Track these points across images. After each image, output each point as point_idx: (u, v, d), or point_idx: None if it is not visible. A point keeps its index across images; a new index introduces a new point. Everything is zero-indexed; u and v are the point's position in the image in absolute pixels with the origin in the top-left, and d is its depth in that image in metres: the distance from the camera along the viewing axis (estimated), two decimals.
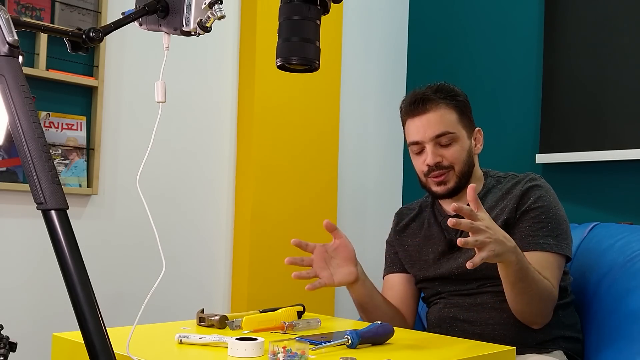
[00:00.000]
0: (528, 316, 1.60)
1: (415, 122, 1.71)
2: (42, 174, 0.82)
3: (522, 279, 1.50)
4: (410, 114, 1.72)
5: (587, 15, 2.62)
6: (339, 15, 2.97)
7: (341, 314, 2.86)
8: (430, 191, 1.76)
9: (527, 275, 1.50)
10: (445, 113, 1.69)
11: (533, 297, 1.55)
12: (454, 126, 1.70)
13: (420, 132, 1.70)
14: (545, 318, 1.62)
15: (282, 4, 1.09)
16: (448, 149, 1.69)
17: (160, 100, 1.03)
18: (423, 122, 1.69)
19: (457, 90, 1.75)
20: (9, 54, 0.85)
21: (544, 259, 1.61)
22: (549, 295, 1.58)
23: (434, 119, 1.68)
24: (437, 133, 1.68)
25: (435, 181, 1.71)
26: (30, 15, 2.18)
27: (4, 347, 0.88)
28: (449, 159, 1.69)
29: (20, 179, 2.16)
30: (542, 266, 1.60)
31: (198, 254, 2.63)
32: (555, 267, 1.63)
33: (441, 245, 1.76)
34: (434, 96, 1.70)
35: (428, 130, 1.68)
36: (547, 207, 1.66)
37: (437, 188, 1.72)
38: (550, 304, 1.60)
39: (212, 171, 2.69)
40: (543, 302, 1.57)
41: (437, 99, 1.70)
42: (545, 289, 1.56)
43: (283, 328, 1.37)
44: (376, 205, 3.18)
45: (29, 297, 2.21)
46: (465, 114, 1.73)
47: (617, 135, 2.52)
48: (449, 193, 1.72)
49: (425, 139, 1.69)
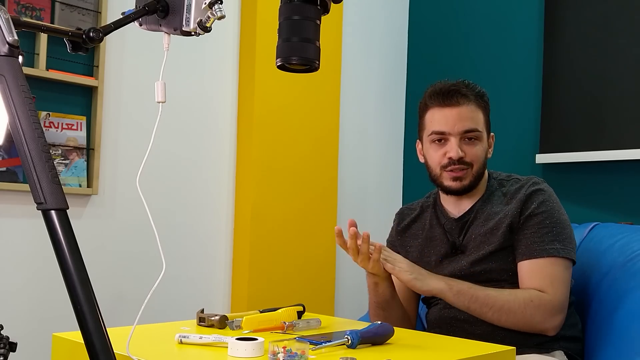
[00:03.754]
0: (523, 328, 1.60)
1: (444, 112, 1.69)
2: (42, 174, 0.82)
3: (470, 302, 1.59)
4: (439, 103, 1.70)
5: (587, 16, 2.62)
6: (339, 15, 2.97)
7: (341, 314, 2.86)
8: (442, 185, 1.74)
9: (475, 297, 1.58)
10: (475, 110, 1.70)
11: (500, 312, 1.58)
12: (480, 125, 1.71)
13: (449, 123, 1.68)
14: (542, 324, 1.60)
15: (282, 4, 1.09)
16: (472, 146, 1.69)
17: (160, 100, 1.03)
18: (454, 114, 1.68)
19: (484, 91, 1.75)
20: (9, 54, 0.85)
21: (550, 265, 1.62)
22: (529, 303, 1.58)
23: (466, 113, 1.68)
24: (467, 128, 1.68)
25: (452, 176, 1.70)
26: (30, 15, 2.18)
27: (4, 347, 0.88)
28: (471, 156, 1.69)
29: (20, 179, 2.16)
30: (548, 273, 1.61)
31: (198, 254, 2.63)
32: (562, 272, 1.63)
33: (444, 247, 1.76)
34: (467, 91, 1.70)
35: (459, 124, 1.67)
36: (551, 212, 1.66)
37: (452, 183, 1.71)
38: (539, 310, 1.59)
39: (212, 171, 2.69)
40: (521, 312, 1.58)
41: (470, 95, 1.69)
42: (517, 300, 1.58)
43: (283, 328, 1.37)
44: (376, 205, 3.18)
45: (29, 297, 2.21)
46: (488, 115, 1.75)
47: (616, 135, 2.52)
48: (463, 190, 1.72)
49: (454, 132, 1.68)
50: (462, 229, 1.74)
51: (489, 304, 1.59)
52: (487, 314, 1.59)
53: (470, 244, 1.71)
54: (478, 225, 1.72)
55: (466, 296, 1.60)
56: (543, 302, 1.59)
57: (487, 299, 1.59)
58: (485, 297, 1.59)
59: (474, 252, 1.70)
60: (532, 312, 1.59)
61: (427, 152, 1.76)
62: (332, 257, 2.89)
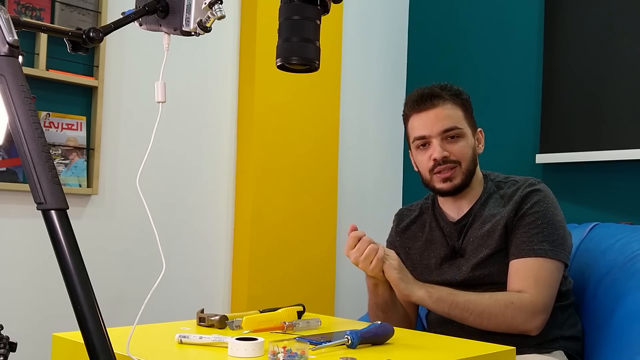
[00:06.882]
0: (505, 330, 1.60)
1: (422, 117, 1.71)
2: (42, 174, 0.82)
3: (450, 308, 1.60)
4: (416, 109, 1.72)
5: (587, 16, 2.62)
6: (339, 15, 2.97)
7: (341, 314, 2.86)
8: (435, 189, 1.75)
9: (455, 303, 1.59)
10: (452, 109, 1.71)
11: (481, 317, 1.59)
12: (460, 122, 1.71)
13: (427, 126, 1.70)
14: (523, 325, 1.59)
15: (282, 4, 1.09)
16: (454, 144, 1.70)
17: (160, 100, 1.03)
18: (430, 116, 1.70)
19: (462, 90, 1.76)
20: (9, 54, 0.85)
21: (537, 265, 1.61)
22: (509, 305, 1.58)
23: (441, 114, 1.69)
24: (445, 127, 1.69)
25: (441, 177, 1.70)
26: (30, 15, 2.18)
27: (4, 347, 0.88)
28: (456, 154, 1.69)
29: (20, 179, 2.16)
30: (532, 273, 1.61)
31: (198, 254, 2.63)
32: (548, 273, 1.62)
33: (443, 250, 1.76)
34: (441, 92, 1.71)
35: (436, 125, 1.69)
36: (544, 213, 1.65)
37: (443, 185, 1.71)
38: (520, 312, 1.58)
39: (212, 171, 2.69)
40: (502, 315, 1.58)
41: (444, 95, 1.71)
42: (497, 304, 1.58)
43: (283, 328, 1.37)
44: (376, 206, 3.18)
45: (29, 297, 2.21)
46: (469, 112, 1.75)
47: (616, 135, 2.52)
48: (454, 190, 1.72)
49: (433, 133, 1.69)
50: (460, 232, 1.74)
51: (469, 309, 1.59)
52: (468, 319, 1.60)
53: (469, 247, 1.71)
54: (476, 228, 1.72)
55: (446, 303, 1.60)
56: (524, 303, 1.59)
57: (467, 304, 1.59)
58: (465, 302, 1.60)
59: (473, 255, 1.70)
60: (513, 313, 1.58)
61: (416, 159, 1.78)
62: (332, 257, 2.89)
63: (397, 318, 1.74)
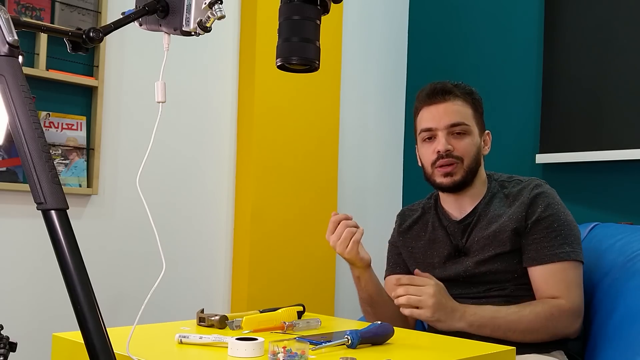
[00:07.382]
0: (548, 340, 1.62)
1: (431, 110, 1.72)
2: (42, 174, 0.82)
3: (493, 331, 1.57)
4: (427, 102, 1.74)
5: (587, 16, 2.62)
6: (339, 15, 2.97)
7: (341, 314, 2.86)
8: (435, 183, 1.75)
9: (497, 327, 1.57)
10: (462, 105, 1.72)
11: (524, 334, 1.58)
12: (468, 119, 1.72)
13: (435, 119, 1.71)
14: (565, 331, 1.62)
15: (282, 4, 1.09)
16: (460, 140, 1.70)
17: (160, 100, 1.03)
18: (439, 110, 1.71)
19: (474, 90, 1.78)
20: (9, 54, 0.85)
21: (563, 270, 1.63)
22: (549, 317, 1.59)
23: (450, 108, 1.71)
24: (453, 122, 1.70)
25: (443, 172, 1.71)
26: (30, 15, 2.18)
27: (4, 347, 0.88)
28: (460, 150, 1.70)
29: (20, 179, 2.16)
30: (562, 278, 1.62)
31: (198, 254, 2.63)
32: (575, 275, 1.64)
33: (447, 249, 1.76)
34: (453, 88, 1.73)
35: (444, 118, 1.70)
36: (557, 215, 1.66)
37: (443, 179, 1.71)
38: (561, 320, 1.60)
39: (212, 171, 2.69)
40: (544, 329, 1.59)
41: (456, 91, 1.73)
42: (538, 318, 1.59)
43: (283, 328, 1.37)
44: (376, 205, 3.18)
45: (29, 297, 2.21)
46: (479, 112, 1.76)
47: (616, 135, 2.52)
48: (455, 186, 1.72)
49: (440, 127, 1.70)
50: (464, 231, 1.74)
51: (512, 329, 1.58)
52: (511, 337, 1.58)
53: (474, 246, 1.71)
54: (481, 228, 1.71)
55: (487, 328, 1.58)
56: (563, 311, 1.60)
57: (509, 325, 1.58)
58: (507, 324, 1.58)
59: (479, 254, 1.70)
60: (555, 324, 1.60)
61: (420, 152, 1.78)
62: (332, 257, 2.89)
63: (389, 313, 1.72)
